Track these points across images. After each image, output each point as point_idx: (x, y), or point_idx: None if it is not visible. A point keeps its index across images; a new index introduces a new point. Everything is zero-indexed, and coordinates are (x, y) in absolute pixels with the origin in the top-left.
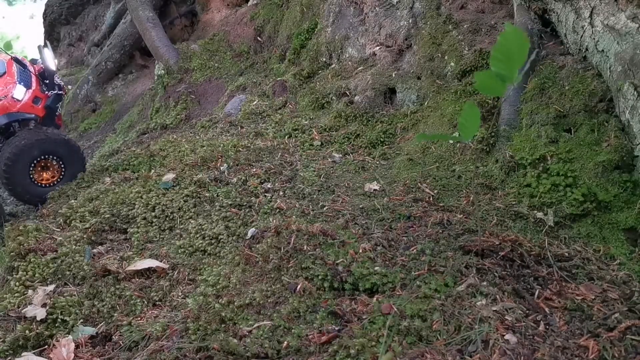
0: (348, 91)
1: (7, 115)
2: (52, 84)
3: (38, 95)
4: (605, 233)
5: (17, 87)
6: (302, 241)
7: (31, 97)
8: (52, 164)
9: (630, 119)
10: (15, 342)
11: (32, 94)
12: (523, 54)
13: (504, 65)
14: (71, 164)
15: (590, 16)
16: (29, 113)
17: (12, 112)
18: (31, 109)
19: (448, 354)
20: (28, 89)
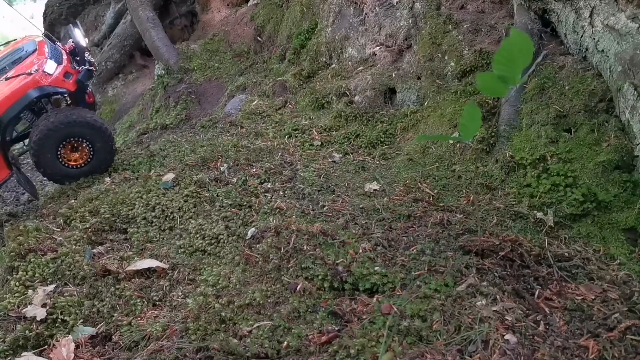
0: (348, 91)
1: (39, 89)
2: (83, 60)
3: (69, 71)
4: (605, 233)
5: (48, 62)
6: (302, 241)
7: (62, 72)
8: (82, 145)
9: (630, 119)
10: (15, 342)
11: (63, 69)
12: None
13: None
14: (100, 149)
15: (590, 16)
16: (60, 87)
17: (43, 85)
18: (62, 83)
19: (448, 354)
20: (59, 64)
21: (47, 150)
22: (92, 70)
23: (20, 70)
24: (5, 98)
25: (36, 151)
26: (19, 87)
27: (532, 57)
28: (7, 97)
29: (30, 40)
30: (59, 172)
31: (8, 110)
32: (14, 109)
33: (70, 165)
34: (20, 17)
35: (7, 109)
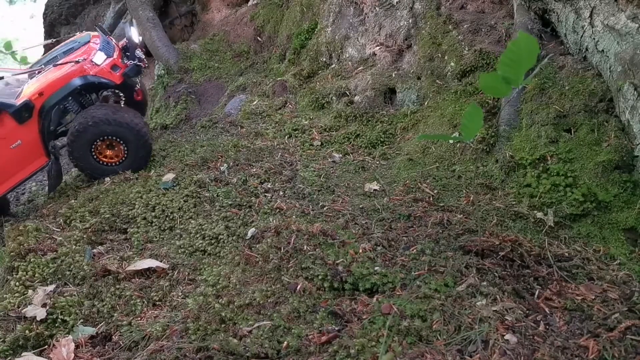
0: (348, 91)
1: (84, 78)
2: (133, 56)
3: (117, 64)
4: (605, 233)
5: (97, 53)
6: (302, 241)
7: (110, 64)
8: (117, 144)
9: (630, 119)
10: (15, 342)
11: (111, 61)
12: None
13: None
14: (134, 149)
15: (590, 16)
16: (105, 78)
17: (88, 74)
18: (109, 74)
19: (448, 354)
20: (108, 57)
21: (81, 146)
22: (141, 66)
23: (70, 59)
24: (51, 84)
25: (71, 145)
26: (64, 74)
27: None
28: (52, 83)
29: (86, 34)
30: (92, 167)
31: (52, 96)
32: (58, 95)
33: (104, 162)
34: (21, 17)
35: (50, 95)
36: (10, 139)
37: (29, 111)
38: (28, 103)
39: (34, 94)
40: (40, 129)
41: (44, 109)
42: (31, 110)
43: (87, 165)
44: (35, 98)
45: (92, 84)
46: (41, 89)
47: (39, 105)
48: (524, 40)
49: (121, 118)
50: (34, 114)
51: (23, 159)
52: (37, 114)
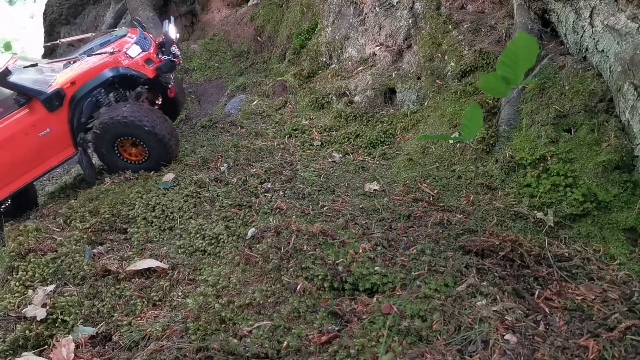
0: (348, 91)
1: (117, 69)
2: (168, 51)
3: (151, 58)
4: (605, 233)
5: (132, 46)
6: (302, 241)
7: (144, 57)
8: (140, 143)
9: (630, 119)
10: (15, 342)
11: (145, 55)
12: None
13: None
14: (154, 149)
15: (590, 16)
16: (138, 71)
17: (121, 66)
18: (142, 68)
19: (448, 354)
20: (143, 50)
21: (104, 143)
22: (175, 62)
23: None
24: (83, 73)
25: (94, 141)
26: (97, 65)
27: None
28: (85, 72)
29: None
30: (116, 164)
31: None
32: (89, 85)
33: (129, 160)
34: (20, 17)
35: (82, 84)
36: (40, 127)
37: (60, 99)
38: (59, 91)
39: (66, 83)
40: (69, 119)
41: (74, 98)
42: (62, 98)
43: (111, 162)
44: (67, 87)
45: (124, 77)
46: (73, 78)
47: (70, 95)
48: (524, 40)
49: (139, 120)
50: (65, 102)
51: (51, 147)
52: (67, 103)
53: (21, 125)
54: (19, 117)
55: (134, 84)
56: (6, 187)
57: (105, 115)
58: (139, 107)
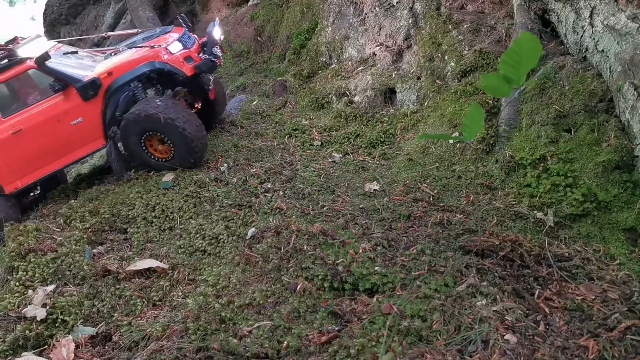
0: (348, 91)
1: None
2: (210, 51)
3: (192, 56)
4: (605, 233)
5: (174, 42)
6: (302, 241)
7: (184, 54)
8: (167, 141)
9: (630, 119)
10: (15, 342)
11: (186, 52)
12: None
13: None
14: (178, 148)
15: (590, 16)
16: (176, 67)
17: (160, 61)
18: (181, 64)
19: (448, 354)
20: (185, 48)
21: (131, 138)
22: (215, 62)
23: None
24: (121, 65)
25: (122, 136)
26: (137, 57)
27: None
28: (123, 64)
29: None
30: (142, 160)
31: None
32: (126, 77)
33: (155, 157)
34: (20, 18)
35: (119, 76)
36: (72, 115)
37: (95, 89)
38: (95, 81)
39: (103, 73)
40: (103, 110)
41: (110, 89)
42: (97, 88)
43: (138, 157)
44: (103, 77)
45: (162, 72)
46: (111, 69)
47: (106, 85)
48: (527, 40)
49: (165, 116)
50: (100, 93)
51: (81, 137)
52: (102, 94)
53: (54, 112)
54: (53, 103)
55: (174, 83)
56: (32, 173)
57: (137, 107)
58: (172, 104)
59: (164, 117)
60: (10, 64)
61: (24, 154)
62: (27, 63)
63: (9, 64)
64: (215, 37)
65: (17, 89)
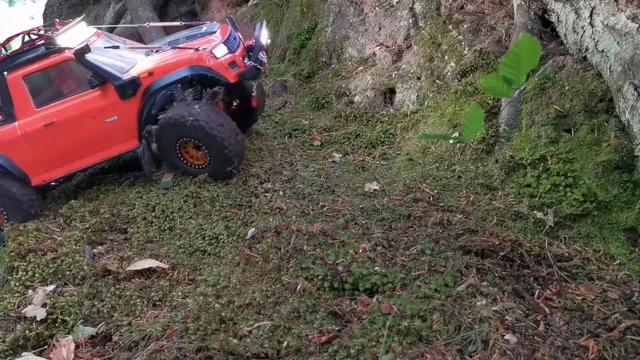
0: (348, 91)
1: (198, 67)
2: (255, 57)
3: (236, 62)
4: (605, 233)
5: (219, 45)
6: (302, 241)
7: (229, 59)
8: (203, 148)
9: (630, 119)
10: (15, 342)
11: (231, 57)
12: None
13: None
14: (214, 156)
15: (590, 16)
16: (220, 73)
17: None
18: (224, 70)
19: (448, 354)
20: (230, 52)
21: (166, 142)
22: (260, 69)
23: (190, 45)
24: (163, 66)
25: (157, 139)
26: (180, 59)
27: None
28: (165, 65)
29: (215, 24)
30: (177, 165)
31: (161, 78)
32: (167, 79)
33: (190, 163)
34: (20, 18)
35: (160, 77)
36: (108, 113)
37: (134, 89)
38: (135, 80)
39: (144, 72)
40: (140, 110)
41: (149, 89)
42: (137, 88)
43: (172, 162)
44: (144, 76)
45: (204, 77)
46: (152, 69)
47: (146, 85)
48: (527, 41)
49: (201, 122)
50: (139, 92)
51: (115, 136)
52: (141, 94)
53: (89, 107)
54: (89, 98)
55: (213, 83)
56: (60, 168)
57: (175, 110)
58: (211, 110)
59: (203, 125)
60: (47, 52)
61: (54, 147)
62: (66, 54)
63: (46, 52)
64: (263, 42)
65: (53, 78)
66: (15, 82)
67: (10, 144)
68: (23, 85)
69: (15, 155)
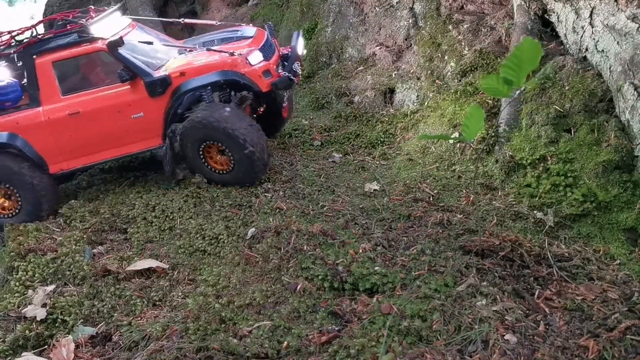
0: (348, 91)
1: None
2: (290, 67)
3: (270, 70)
4: (605, 233)
5: (255, 52)
6: (302, 241)
7: (264, 68)
8: (228, 153)
9: (630, 119)
10: (15, 342)
11: (265, 65)
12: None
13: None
14: (239, 161)
15: (590, 16)
16: (253, 81)
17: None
18: (258, 78)
19: (448, 354)
20: (265, 60)
21: (190, 143)
22: (293, 80)
23: (225, 49)
24: (196, 67)
25: (181, 139)
26: (213, 62)
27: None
28: (198, 67)
29: (252, 28)
30: (200, 170)
31: (193, 80)
32: (199, 81)
33: (213, 168)
34: (20, 18)
35: (192, 78)
36: (135, 109)
37: (164, 87)
38: (166, 78)
39: (176, 72)
40: (167, 109)
41: (179, 90)
42: (167, 86)
43: (194, 164)
44: (175, 76)
45: (236, 83)
46: (184, 70)
47: (176, 85)
48: (528, 44)
49: (224, 125)
50: (168, 92)
51: (138, 133)
52: (170, 93)
53: (116, 101)
54: (117, 92)
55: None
56: (79, 158)
57: (201, 113)
58: (239, 115)
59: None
60: (79, 40)
61: (76, 137)
62: (98, 44)
63: (78, 40)
64: (298, 52)
65: (82, 67)
66: (43, 67)
67: (31, 128)
68: (52, 71)
69: (35, 141)
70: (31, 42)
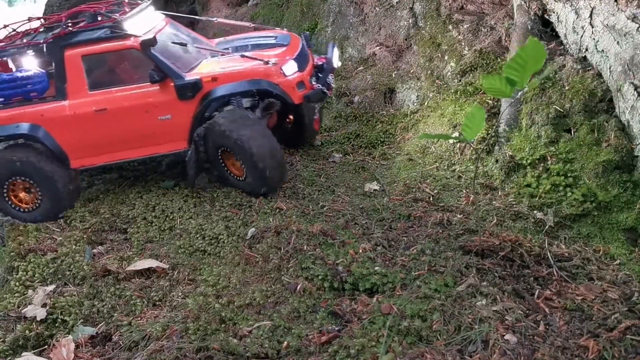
0: (348, 91)
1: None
2: (324, 80)
3: (304, 81)
4: (605, 233)
5: (290, 62)
6: (302, 241)
7: (297, 79)
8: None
9: (630, 119)
10: (15, 342)
11: (299, 76)
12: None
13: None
14: (249, 169)
15: (590, 16)
16: (286, 93)
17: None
18: (291, 90)
19: (448, 354)
20: (300, 70)
21: (210, 145)
22: (326, 93)
23: (260, 56)
24: (229, 73)
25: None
26: (247, 70)
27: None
28: (232, 73)
29: (286, 34)
30: (221, 173)
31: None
32: (231, 88)
33: (232, 173)
34: (20, 17)
35: (224, 84)
36: (163, 110)
37: (195, 91)
38: (198, 83)
39: (208, 77)
40: (196, 114)
41: (209, 95)
42: (197, 91)
43: (216, 171)
44: (207, 81)
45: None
46: (217, 75)
47: (207, 90)
48: (533, 46)
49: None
50: (198, 96)
51: (164, 135)
52: (200, 97)
53: (144, 101)
54: (146, 91)
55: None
56: (102, 156)
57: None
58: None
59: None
60: (112, 36)
61: (101, 134)
62: (131, 42)
63: (110, 35)
64: (334, 64)
65: (111, 62)
66: (72, 60)
67: (56, 121)
68: (81, 65)
69: (58, 134)
70: (62, 33)
